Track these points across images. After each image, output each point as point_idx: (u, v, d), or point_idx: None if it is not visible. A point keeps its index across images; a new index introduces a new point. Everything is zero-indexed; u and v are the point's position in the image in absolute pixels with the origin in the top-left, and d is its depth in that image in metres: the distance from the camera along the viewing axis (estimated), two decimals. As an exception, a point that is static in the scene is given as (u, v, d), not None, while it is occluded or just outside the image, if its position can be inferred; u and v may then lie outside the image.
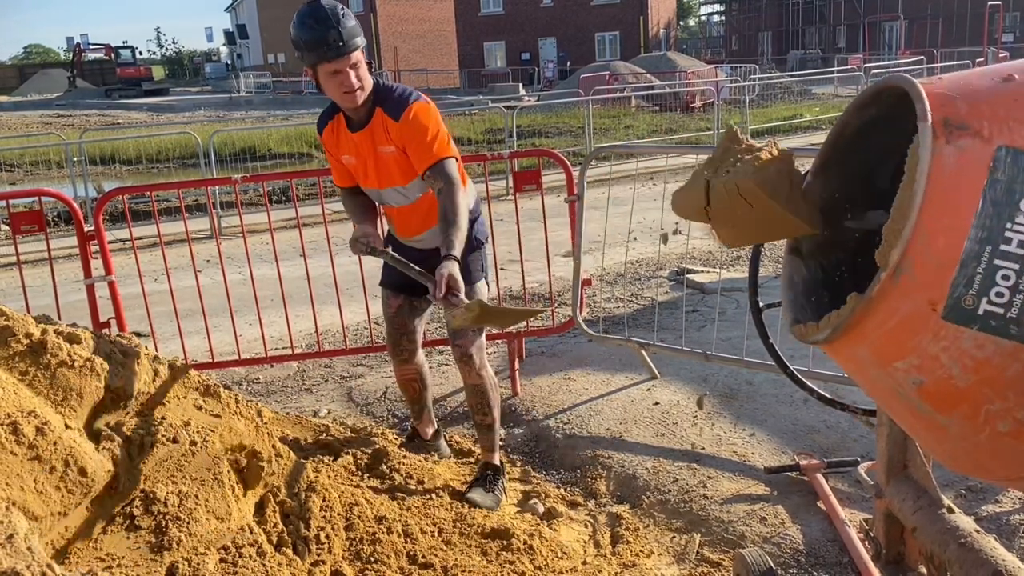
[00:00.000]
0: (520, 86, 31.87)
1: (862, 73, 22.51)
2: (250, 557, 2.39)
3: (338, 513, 2.78)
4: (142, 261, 5.04)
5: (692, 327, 5.19)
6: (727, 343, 4.65)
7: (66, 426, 2.31)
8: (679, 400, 4.15)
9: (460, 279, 2.67)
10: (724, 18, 64.80)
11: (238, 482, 2.61)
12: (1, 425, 2.13)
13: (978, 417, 1.34)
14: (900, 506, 2.18)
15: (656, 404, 4.12)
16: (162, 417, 2.64)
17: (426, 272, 2.81)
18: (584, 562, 2.95)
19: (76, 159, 11.70)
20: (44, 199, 5.20)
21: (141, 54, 62.60)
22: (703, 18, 75.35)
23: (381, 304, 3.54)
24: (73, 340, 2.59)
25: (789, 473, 3.34)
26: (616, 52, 41.07)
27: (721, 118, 15.48)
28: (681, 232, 7.19)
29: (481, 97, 22.31)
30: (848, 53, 38.39)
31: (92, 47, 58.01)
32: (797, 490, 3.26)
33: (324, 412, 4.41)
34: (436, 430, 3.80)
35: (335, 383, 4.86)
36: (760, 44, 52.83)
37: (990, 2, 28.03)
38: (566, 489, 3.56)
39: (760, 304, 2.61)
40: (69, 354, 2.49)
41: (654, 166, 11.59)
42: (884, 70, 21.70)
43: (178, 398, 2.78)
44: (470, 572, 2.74)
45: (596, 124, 15.52)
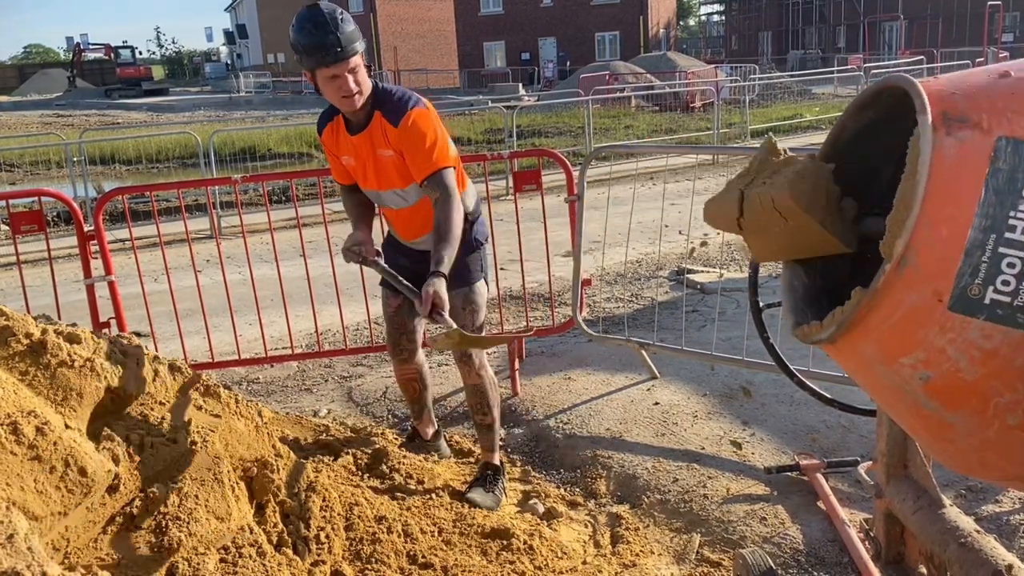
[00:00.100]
0: (520, 86, 31.87)
1: (862, 73, 22.50)
2: (250, 557, 2.39)
3: (338, 513, 2.78)
4: (142, 261, 5.04)
5: (692, 327, 5.19)
6: (727, 343, 4.65)
7: (66, 426, 2.31)
8: (679, 400, 4.15)
9: (446, 297, 2.73)
10: (724, 18, 64.82)
11: (238, 482, 2.61)
12: (1, 425, 2.13)
13: (987, 411, 1.32)
14: (900, 506, 2.19)
15: (656, 404, 4.12)
16: (162, 417, 2.64)
17: (414, 288, 2.87)
18: (584, 562, 2.95)
19: (76, 159, 11.70)
20: (44, 199, 5.21)
21: (141, 54, 62.59)
22: (703, 18, 75.44)
23: (381, 304, 3.54)
24: (73, 340, 2.59)
25: (789, 473, 3.35)
26: (616, 52, 41.07)
27: (721, 118, 15.46)
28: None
29: (481, 97, 22.31)
30: (848, 53, 38.41)
31: (92, 47, 58.00)
32: (797, 490, 3.26)
33: (324, 412, 4.41)
34: (436, 430, 3.81)
35: (335, 383, 4.86)
36: (760, 44, 52.84)
37: (990, 2, 28.04)
38: (566, 489, 3.56)
39: (760, 304, 2.61)
40: (69, 354, 2.49)
41: (654, 166, 11.60)
42: (884, 70, 21.69)
43: (178, 398, 2.78)
44: (470, 572, 2.74)
45: (596, 124, 15.51)
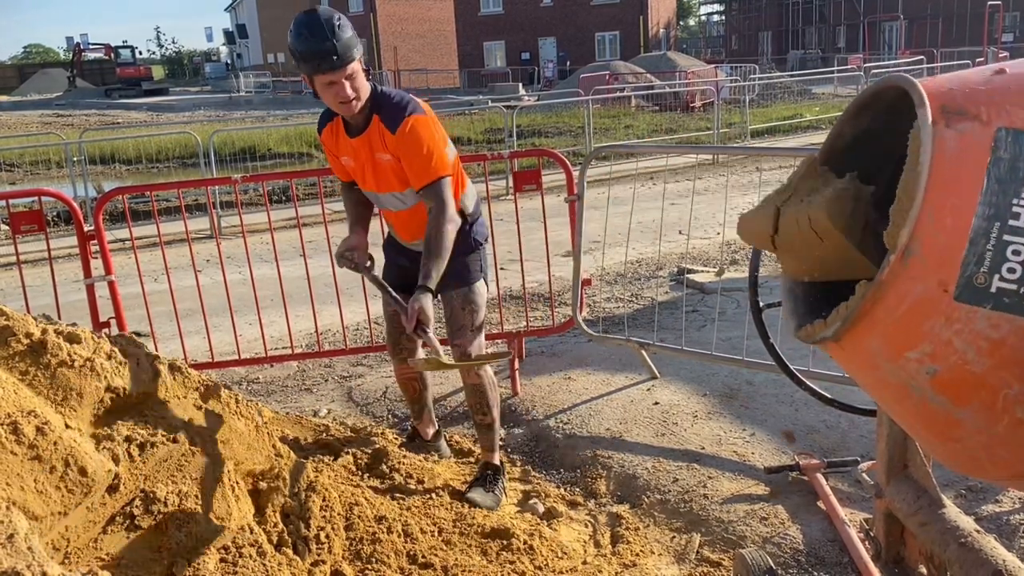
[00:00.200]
0: (520, 86, 31.85)
1: (862, 73, 22.49)
2: (250, 557, 2.39)
3: (338, 513, 2.78)
4: (142, 261, 5.04)
5: (692, 327, 5.19)
6: (727, 343, 4.65)
7: (66, 426, 2.31)
8: (679, 400, 4.15)
9: (431, 313, 2.83)
10: (724, 18, 64.84)
11: (239, 482, 2.61)
12: (1, 425, 2.13)
13: (996, 405, 1.31)
14: (900, 506, 2.19)
15: (656, 404, 4.12)
16: (162, 417, 2.64)
17: (401, 301, 2.96)
18: (584, 562, 2.95)
19: (76, 159, 11.70)
20: (44, 199, 5.20)
21: (141, 54, 62.59)
22: (703, 18, 75.47)
23: (381, 303, 3.54)
24: (73, 340, 2.59)
25: (789, 473, 3.35)
26: (616, 52, 41.07)
27: (721, 118, 15.46)
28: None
29: (481, 97, 22.31)
30: (848, 53, 38.41)
31: (92, 47, 58.01)
32: (797, 490, 3.26)
33: (324, 412, 4.41)
34: (437, 431, 3.80)
35: (335, 383, 4.85)
36: (760, 44, 52.85)
37: (990, 2, 28.03)
38: (566, 489, 3.56)
39: (760, 304, 2.62)
40: (69, 354, 2.49)
41: (654, 166, 11.61)
42: (884, 70, 21.69)
43: (178, 398, 2.78)
44: (470, 572, 2.74)
45: (596, 124, 15.51)
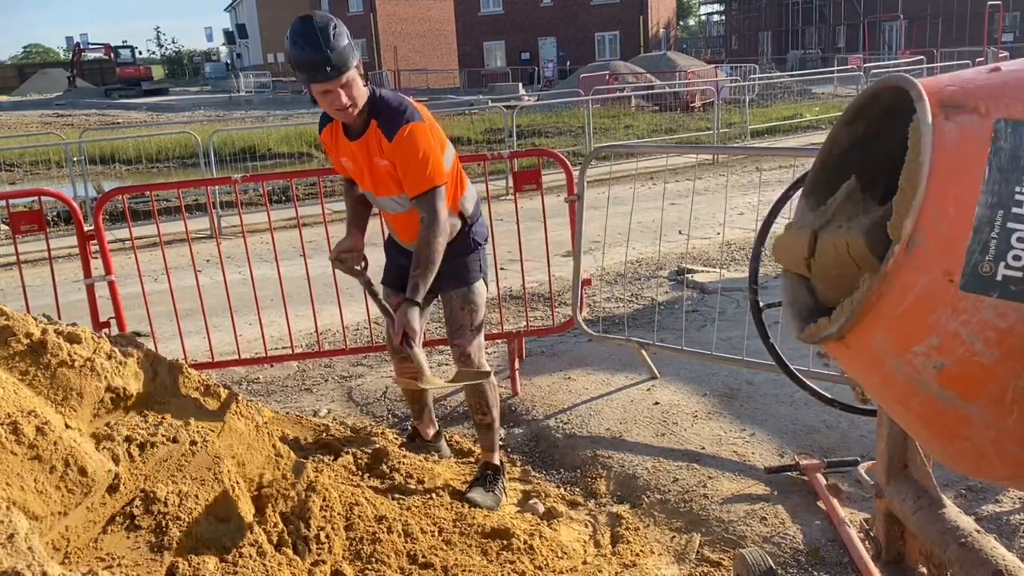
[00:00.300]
0: (520, 86, 31.85)
1: (862, 73, 22.48)
2: (250, 557, 2.39)
3: (338, 513, 2.78)
4: (142, 261, 5.04)
5: (692, 327, 5.19)
6: (727, 343, 4.65)
7: (66, 426, 2.31)
8: (679, 400, 4.15)
9: (417, 327, 2.90)
10: (724, 18, 64.83)
11: (239, 482, 2.61)
12: (1, 425, 2.13)
13: (1005, 397, 1.29)
14: (900, 506, 2.19)
15: (656, 404, 4.12)
16: (162, 417, 2.64)
17: (390, 311, 3.04)
18: (584, 562, 2.95)
19: (76, 159, 11.69)
20: (44, 199, 5.21)
21: (141, 54, 62.61)
22: (703, 18, 75.45)
23: (381, 304, 3.54)
24: (73, 340, 2.59)
25: (789, 473, 3.35)
26: (616, 52, 41.06)
27: (721, 118, 15.46)
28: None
29: (481, 97, 22.31)
30: (848, 53, 38.40)
31: (92, 47, 57.98)
32: (797, 490, 3.26)
33: (324, 412, 4.41)
34: (437, 431, 3.80)
35: (335, 383, 4.85)
36: (760, 44, 52.84)
37: (990, 2, 28.03)
38: (566, 489, 3.56)
39: (760, 304, 2.62)
40: (69, 354, 2.49)
41: (654, 166, 11.61)
42: (884, 70, 21.68)
43: (178, 398, 2.78)
44: (470, 572, 2.74)
45: (596, 124, 15.51)
